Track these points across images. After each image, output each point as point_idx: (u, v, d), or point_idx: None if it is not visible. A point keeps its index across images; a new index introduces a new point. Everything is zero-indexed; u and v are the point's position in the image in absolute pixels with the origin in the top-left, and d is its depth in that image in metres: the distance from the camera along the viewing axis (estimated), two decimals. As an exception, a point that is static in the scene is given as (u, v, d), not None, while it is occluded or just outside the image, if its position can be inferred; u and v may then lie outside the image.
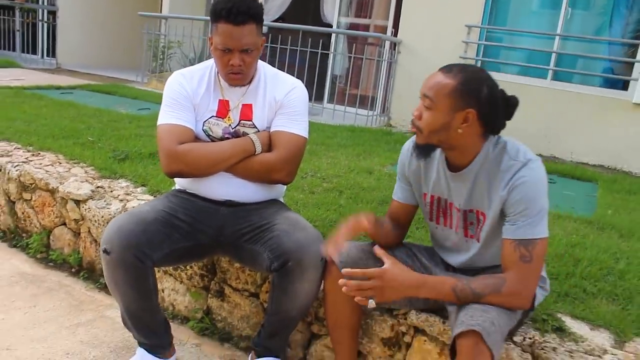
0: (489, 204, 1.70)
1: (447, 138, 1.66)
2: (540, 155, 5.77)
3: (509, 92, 1.69)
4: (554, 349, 1.81)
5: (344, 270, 1.68)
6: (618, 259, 2.60)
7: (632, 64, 5.96)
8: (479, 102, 1.61)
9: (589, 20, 6.35)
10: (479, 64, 6.60)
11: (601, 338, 1.93)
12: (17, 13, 10.34)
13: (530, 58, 6.52)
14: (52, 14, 10.11)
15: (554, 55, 6.28)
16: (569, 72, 6.28)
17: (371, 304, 1.66)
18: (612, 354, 1.83)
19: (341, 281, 1.66)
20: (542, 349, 1.82)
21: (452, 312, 1.69)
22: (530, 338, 1.85)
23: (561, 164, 5.47)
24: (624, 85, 6.04)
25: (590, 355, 1.81)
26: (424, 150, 1.73)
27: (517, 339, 1.85)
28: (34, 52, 10.39)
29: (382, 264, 1.76)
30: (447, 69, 1.64)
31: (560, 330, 1.94)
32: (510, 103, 1.66)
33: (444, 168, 1.78)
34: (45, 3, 10.34)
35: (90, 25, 10.14)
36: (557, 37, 6.26)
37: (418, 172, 1.87)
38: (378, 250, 1.71)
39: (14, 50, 10.53)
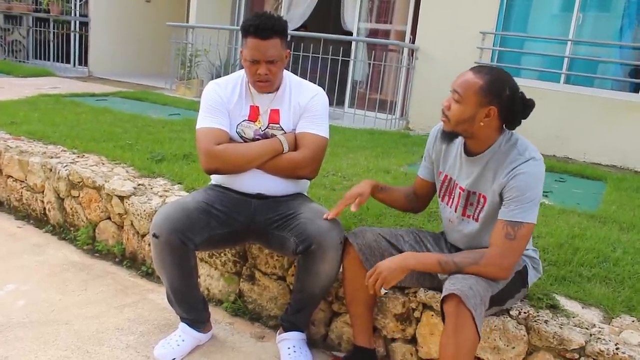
0: (491, 188, 1.94)
1: (470, 128, 1.91)
2: (554, 156, 6.07)
3: (524, 96, 1.95)
4: (546, 322, 2.03)
5: None
6: (615, 248, 2.76)
7: (643, 67, 6.07)
8: (501, 101, 1.86)
9: (600, 25, 6.46)
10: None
11: (591, 315, 2.13)
12: (52, 25, 10.80)
13: (543, 62, 6.64)
14: (84, 25, 10.51)
15: (566, 59, 6.41)
16: (581, 75, 6.39)
17: (382, 291, 1.95)
18: (600, 328, 2.03)
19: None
20: (535, 321, 2.04)
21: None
22: (525, 312, 2.07)
23: (573, 164, 5.58)
24: (635, 88, 6.16)
25: (579, 327, 2.02)
26: (448, 136, 2.00)
27: (513, 313, 2.08)
28: (67, 61, 10.82)
29: (394, 246, 2.05)
30: (477, 70, 1.89)
31: (554, 307, 2.15)
32: (527, 104, 1.91)
33: (461, 152, 2.04)
34: (78, 15, 10.76)
35: (120, 35, 10.49)
36: (569, 42, 6.39)
37: (440, 152, 2.14)
38: None
39: (48, 59, 10.99)
